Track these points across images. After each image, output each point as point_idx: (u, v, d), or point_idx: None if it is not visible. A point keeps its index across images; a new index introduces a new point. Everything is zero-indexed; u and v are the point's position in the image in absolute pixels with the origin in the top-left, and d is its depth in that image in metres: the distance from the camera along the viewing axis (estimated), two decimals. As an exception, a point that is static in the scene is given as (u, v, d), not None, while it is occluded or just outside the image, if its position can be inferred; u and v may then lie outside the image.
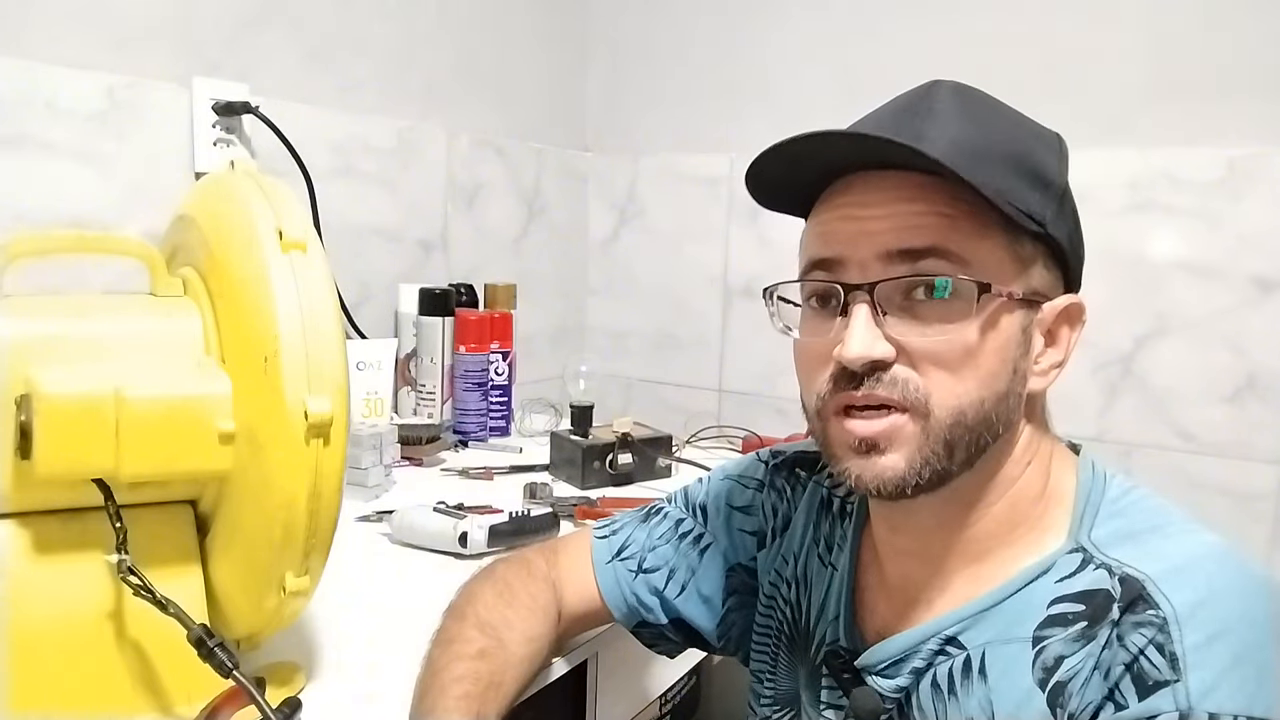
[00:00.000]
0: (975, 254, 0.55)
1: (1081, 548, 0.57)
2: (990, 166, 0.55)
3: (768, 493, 0.78)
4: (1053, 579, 0.57)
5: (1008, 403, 0.57)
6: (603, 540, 0.80)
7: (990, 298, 0.55)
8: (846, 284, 0.56)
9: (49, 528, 0.61)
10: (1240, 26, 1.30)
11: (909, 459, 0.56)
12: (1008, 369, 0.56)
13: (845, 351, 0.55)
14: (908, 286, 0.55)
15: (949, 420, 0.55)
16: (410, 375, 1.47)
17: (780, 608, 0.75)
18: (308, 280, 0.60)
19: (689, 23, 1.78)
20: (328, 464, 0.59)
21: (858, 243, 0.56)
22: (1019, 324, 0.57)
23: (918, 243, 0.55)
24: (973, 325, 0.55)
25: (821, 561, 0.72)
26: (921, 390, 0.55)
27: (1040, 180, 0.58)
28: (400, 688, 0.70)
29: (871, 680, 0.62)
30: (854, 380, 0.56)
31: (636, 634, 0.80)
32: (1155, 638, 0.50)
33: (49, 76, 1.05)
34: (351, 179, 1.43)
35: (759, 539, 0.77)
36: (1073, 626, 0.54)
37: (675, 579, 0.77)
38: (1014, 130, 0.60)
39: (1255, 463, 1.33)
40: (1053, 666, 0.54)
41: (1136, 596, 0.52)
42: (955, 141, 0.55)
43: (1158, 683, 0.49)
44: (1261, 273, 1.31)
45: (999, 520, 0.60)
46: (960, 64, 1.47)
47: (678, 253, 1.82)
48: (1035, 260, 0.58)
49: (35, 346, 0.59)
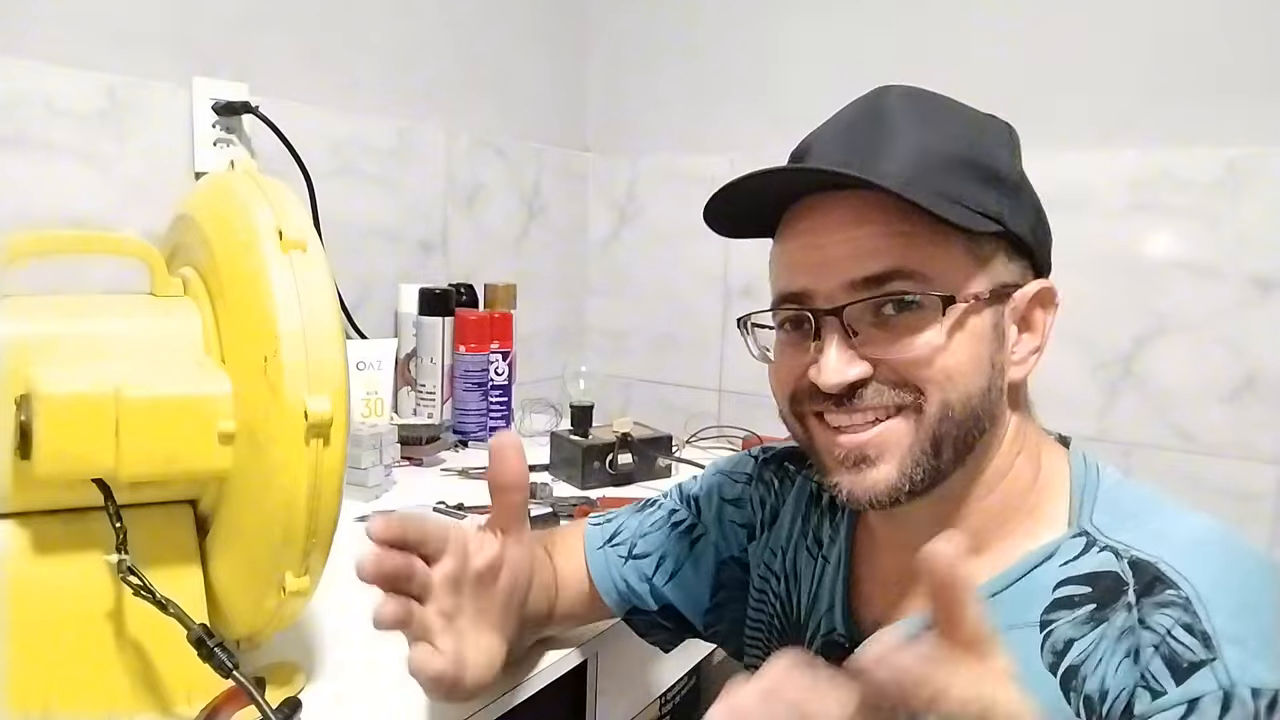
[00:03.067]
0: (935, 266, 0.57)
1: (1085, 532, 0.58)
2: (943, 174, 0.56)
3: (756, 486, 0.79)
4: (1057, 563, 0.57)
5: (989, 397, 0.58)
6: (596, 527, 0.82)
7: (955, 306, 0.56)
8: (816, 310, 0.58)
9: (49, 528, 0.61)
10: (1240, 26, 1.30)
11: (900, 466, 0.57)
12: (984, 365, 0.58)
13: (822, 379, 0.57)
14: (875, 306, 0.57)
15: (937, 414, 0.57)
16: (410, 375, 1.47)
17: (770, 601, 0.75)
18: (308, 280, 0.60)
19: (689, 23, 1.77)
20: (328, 464, 0.59)
21: (821, 274, 0.58)
22: (989, 321, 0.58)
23: (878, 268, 0.56)
24: (942, 332, 0.56)
25: (810, 554, 0.73)
26: (908, 392, 0.57)
27: (994, 177, 0.59)
28: (400, 688, 0.70)
29: None
30: (833, 398, 0.58)
31: (629, 622, 0.81)
32: (1181, 618, 0.50)
33: (49, 76, 1.05)
34: (351, 179, 1.43)
35: (749, 531, 0.78)
36: (1080, 609, 0.55)
37: (664, 566, 0.78)
38: (964, 130, 0.60)
39: (1255, 463, 1.33)
40: (1062, 650, 0.54)
41: (1153, 578, 0.52)
42: (907, 154, 0.57)
43: (1193, 664, 0.49)
44: (1261, 273, 1.31)
45: (993, 513, 0.61)
46: (960, 64, 1.48)
47: (678, 253, 1.82)
48: (996, 256, 0.59)
49: (35, 346, 0.59)
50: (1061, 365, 1.38)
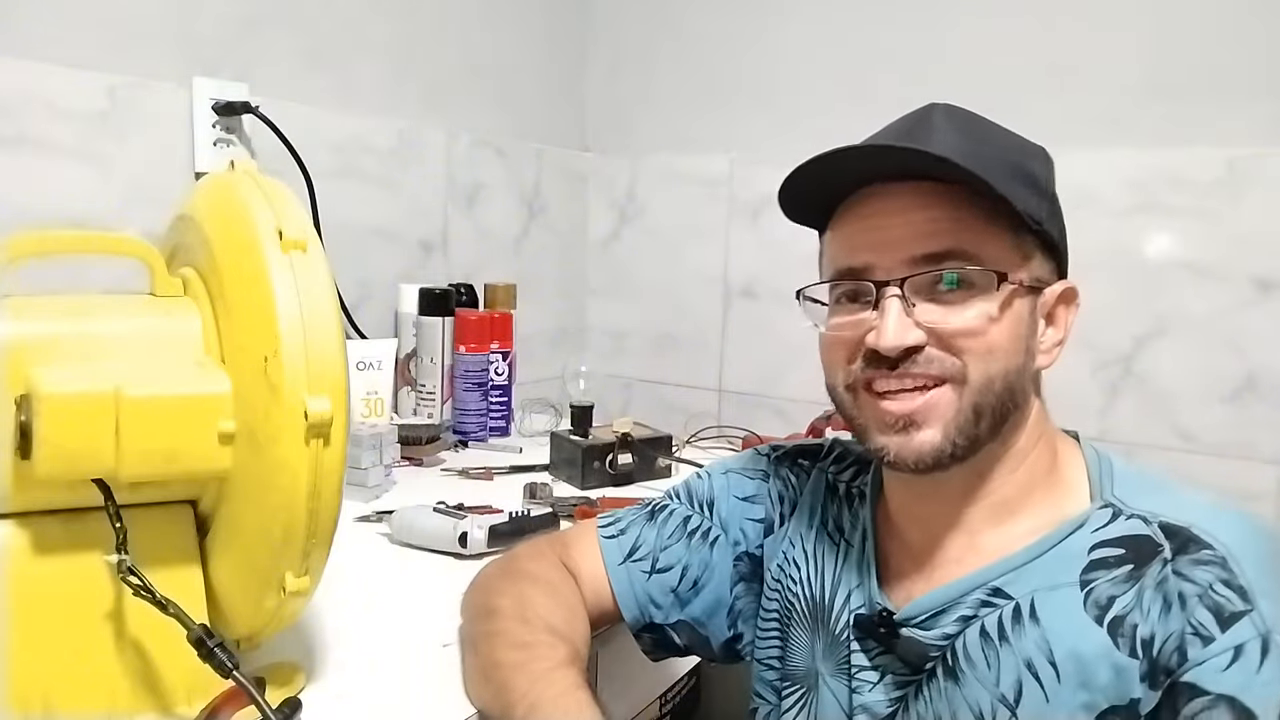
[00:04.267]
0: (986, 250, 0.62)
1: (1110, 503, 0.62)
2: (993, 172, 0.60)
3: (774, 481, 0.81)
4: (1088, 530, 0.62)
5: (1023, 377, 0.64)
6: (612, 541, 0.81)
7: (1006, 285, 0.62)
8: (878, 281, 0.63)
9: (49, 528, 0.61)
10: (1240, 26, 1.30)
11: (945, 431, 0.62)
12: (1021, 346, 0.64)
13: (882, 340, 0.61)
14: (933, 280, 0.62)
15: (980, 385, 0.62)
16: (410, 375, 1.47)
17: (789, 587, 0.77)
18: (308, 280, 0.60)
19: (689, 23, 1.77)
20: (328, 464, 0.59)
21: (883, 251, 0.63)
22: (1028, 308, 0.64)
23: (937, 247, 0.62)
24: (994, 305, 0.62)
25: (832, 540, 0.76)
26: (957, 362, 0.62)
27: (1035, 185, 0.65)
28: (399, 688, 0.70)
29: (910, 632, 0.66)
30: (887, 363, 0.62)
31: (638, 636, 0.81)
32: (1219, 574, 0.56)
33: (49, 76, 1.05)
34: (351, 179, 1.43)
35: (766, 526, 0.80)
36: (1118, 569, 0.59)
37: (688, 576, 0.79)
38: (1007, 143, 0.67)
39: (1255, 463, 1.33)
40: (1106, 605, 0.59)
41: (1187, 539, 0.58)
42: (959, 152, 0.60)
43: (1234, 614, 0.54)
44: (1261, 273, 1.31)
45: (1020, 485, 0.66)
46: (960, 64, 1.48)
47: (678, 253, 1.82)
48: (1034, 253, 0.65)
49: (35, 346, 0.59)
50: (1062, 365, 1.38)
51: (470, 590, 0.78)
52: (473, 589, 0.78)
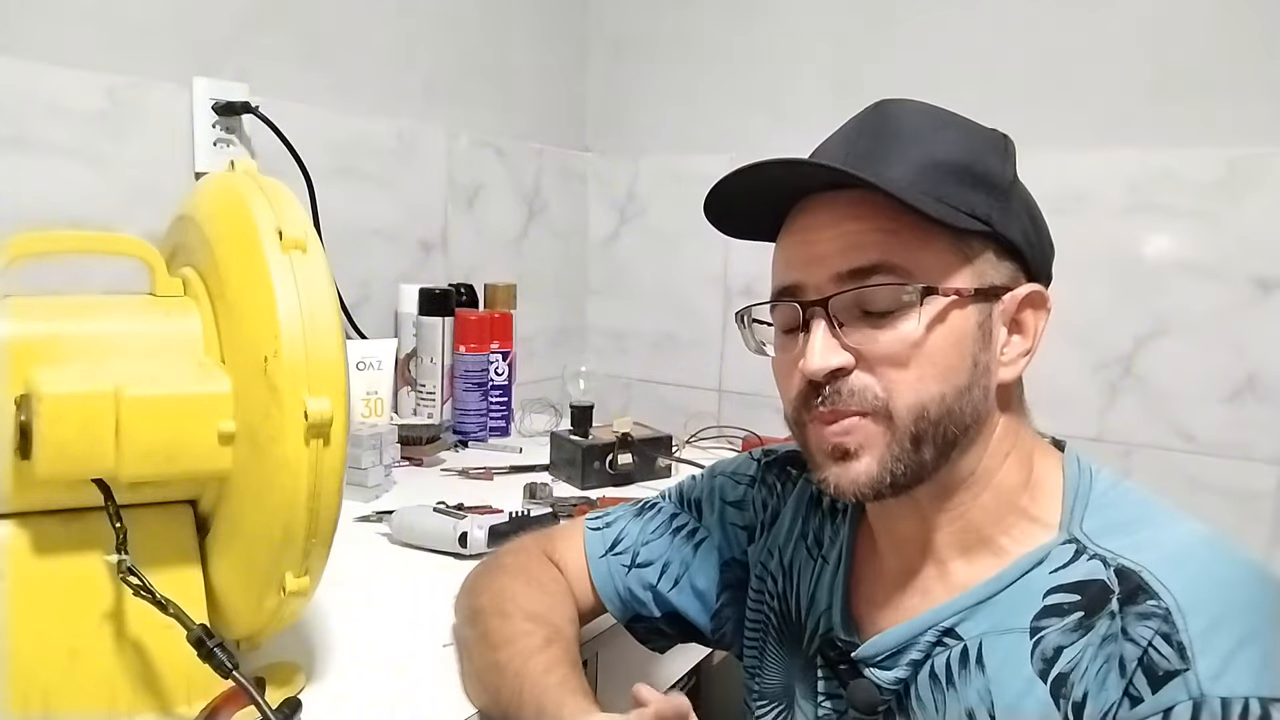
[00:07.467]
0: (919, 261, 0.58)
1: (1074, 539, 0.59)
2: (933, 177, 0.58)
3: (758, 488, 0.80)
4: (1047, 569, 0.58)
5: (972, 395, 0.59)
6: (596, 533, 0.81)
7: (936, 298, 0.58)
8: (804, 302, 0.60)
9: (49, 528, 0.61)
10: (1240, 26, 1.30)
11: (880, 460, 0.58)
12: (966, 362, 0.59)
13: (805, 365, 0.59)
14: (861, 300, 0.58)
15: (911, 416, 0.58)
16: (410, 375, 1.47)
17: (768, 601, 0.76)
18: (308, 280, 0.60)
19: (689, 22, 1.77)
20: (328, 464, 0.59)
21: (811, 267, 0.60)
22: (974, 319, 0.59)
23: (863, 261, 0.58)
24: (920, 324, 0.57)
25: (809, 554, 0.73)
26: (880, 395, 0.58)
27: (984, 181, 0.60)
28: (399, 687, 0.70)
29: (870, 672, 0.63)
30: (818, 392, 0.59)
31: (630, 629, 0.81)
32: (1160, 628, 0.51)
33: (49, 76, 1.05)
34: (351, 179, 1.43)
35: (749, 533, 0.79)
36: (1069, 617, 0.56)
37: (669, 573, 0.79)
38: (957, 138, 0.62)
39: (1255, 463, 1.33)
40: (1052, 657, 0.55)
41: (1135, 588, 0.54)
42: (901, 159, 0.59)
43: (1168, 673, 0.50)
44: (1261, 273, 1.31)
45: (987, 510, 0.62)
46: (960, 64, 1.48)
47: (678, 253, 1.82)
48: (984, 256, 0.60)
49: (35, 346, 0.59)
50: (1061, 365, 1.38)
51: (459, 593, 0.79)
52: (461, 591, 0.79)
